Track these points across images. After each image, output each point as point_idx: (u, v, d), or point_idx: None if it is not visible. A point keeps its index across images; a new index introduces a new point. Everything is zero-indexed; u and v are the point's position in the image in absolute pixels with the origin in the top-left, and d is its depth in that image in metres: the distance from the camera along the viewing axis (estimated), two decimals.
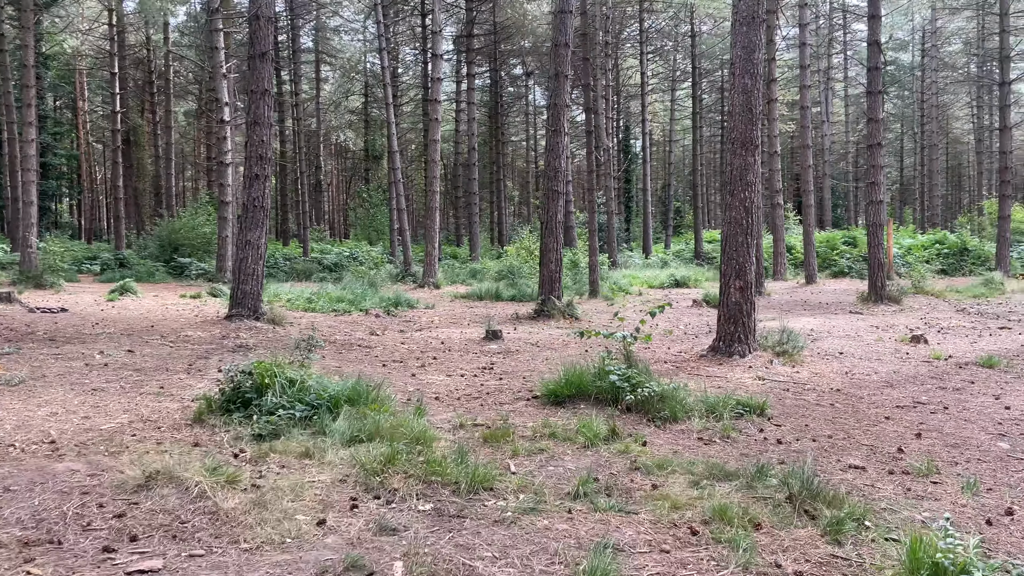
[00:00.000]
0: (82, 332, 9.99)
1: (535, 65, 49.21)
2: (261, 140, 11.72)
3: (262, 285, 11.78)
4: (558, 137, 14.65)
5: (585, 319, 14.50)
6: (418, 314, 15.05)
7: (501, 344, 10.68)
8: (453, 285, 25.24)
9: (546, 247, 14.83)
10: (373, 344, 10.30)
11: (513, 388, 7.23)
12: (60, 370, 7.30)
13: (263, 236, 11.75)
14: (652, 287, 24.40)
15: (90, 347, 8.70)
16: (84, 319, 11.36)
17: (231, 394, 5.58)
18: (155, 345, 9.17)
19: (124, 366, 7.71)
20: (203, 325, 11.10)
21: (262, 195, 11.73)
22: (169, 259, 27.50)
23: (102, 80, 48.70)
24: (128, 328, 10.52)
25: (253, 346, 9.48)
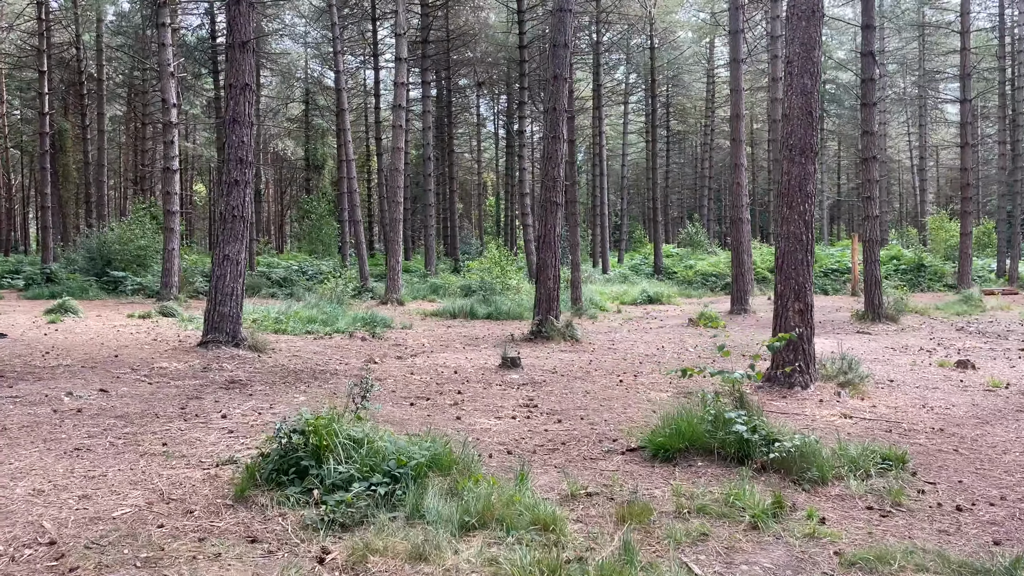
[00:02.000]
0: (33, 365, 8.39)
1: (485, 75, 48.32)
2: (241, 141, 10.30)
3: (242, 307, 10.32)
4: (557, 144, 13.63)
5: (585, 340, 13.48)
6: (400, 335, 13.76)
7: (522, 373, 9.54)
8: (416, 301, 23.94)
9: (543, 263, 13.75)
10: (379, 375, 9.01)
11: (583, 434, 6.11)
12: (24, 420, 5.81)
13: (243, 250, 10.32)
14: (625, 303, 23.60)
15: (51, 386, 7.17)
16: (30, 347, 9.69)
17: (280, 460, 4.29)
18: (129, 382, 7.68)
19: (103, 411, 6.25)
20: (175, 354, 9.58)
21: (242, 203, 10.30)
22: (101, 273, 25.28)
23: (21, 81, 45.42)
24: (87, 358, 8.94)
25: (246, 380, 8.08)
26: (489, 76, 49.07)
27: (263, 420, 6.17)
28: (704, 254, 37.33)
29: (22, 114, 50.24)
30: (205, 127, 52.41)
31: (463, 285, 26.35)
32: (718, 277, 31.05)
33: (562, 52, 13.69)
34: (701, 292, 28.98)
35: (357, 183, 28.53)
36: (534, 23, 35.02)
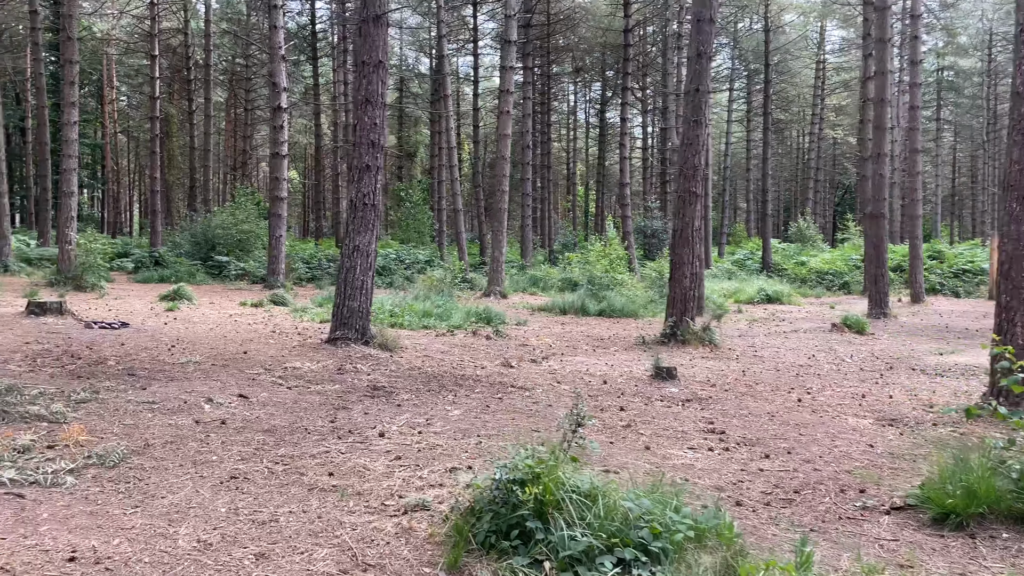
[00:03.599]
0: (162, 360, 7.83)
1: (580, 62, 47.06)
2: (374, 123, 9.55)
3: (371, 301, 9.60)
4: (699, 129, 12.43)
5: (724, 346, 12.29)
6: (520, 333, 12.87)
7: (680, 386, 8.48)
8: (518, 294, 23.11)
9: (679, 260, 12.60)
10: (521, 383, 8.10)
11: (812, 479, 5.02)
12: (167, 434, 5.12)
13: (373, 241, 9.58)
14: (741, 302, 22.14)
15: (187, 389, 6.53)
16: (154, 338, 9.20)
17: (496, 519, 3.38)
18: (266, 385, 6.99)
19: (248, 424, 5.53)
20: (304, 351, 8.92)
21: (373, 190, 9.56)
22: (206, 257, 25.41)
23: (129, 68, 46.78)
24: (215, 354, 8.35)
25: (388, 386, 7.29)
26: (583, 63, 47.81)
27: (427, 441, 5.33)
28: (814, 250, 35.23)
29: (128, 100, 51.89)
30: (302, 114, 52.96)
31: (564, 278, 25.38)
32: (835, 275, 29.08)
33: (707, 27, 12.45)
34: (818, 291, 27.12)
35: (458, 171, 27.87)
36: (639, 5, 33.58)
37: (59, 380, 6.54)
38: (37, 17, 24.89)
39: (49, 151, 25.49)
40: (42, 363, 7.23)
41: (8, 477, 3.94)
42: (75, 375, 6.80)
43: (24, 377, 6.54)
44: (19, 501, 3.71)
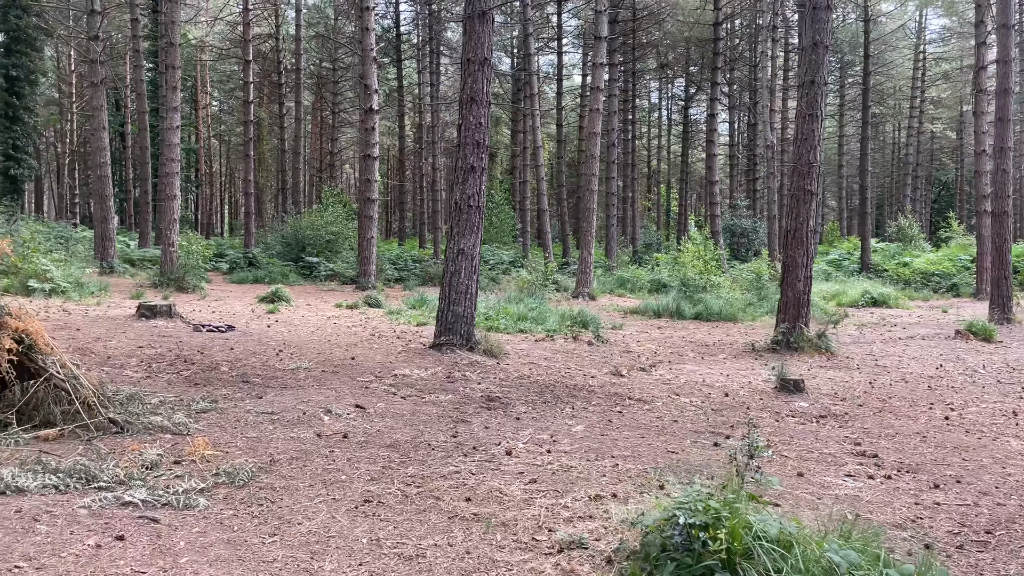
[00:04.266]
0: (272, 367, 7.72)
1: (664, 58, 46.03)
2: (479, 122, 9.26)
3: (475, 306, 9.32)
4: (814, 123, 11.69)
5: (841, 354, 11.53)
6: (619, 338, 12.40)
7: (809, 400, 7.88)
8: (606, 296, 22.59)
9: (792, 261, 11.89)
10: (637, 394, 7.66)
11: (1001, 516, 4.41)
12: (291, 449, 4.91)
13: (478, 244, 9.30)
14: (843, 304, 21.01)
15: (303, 398, 6.35)
16: (261, 342, 9.15)
17: (677, 570, 2.97)
18: (379, 394, 6.77)
19: (370, 438, 5.28)
20: (409, 357, 8.70)
21: (478, 192, 9.27)
22: (297, 258, 25.84)
23: (221, 74, 48.31)
24: (323, 360, 8.21)
25: (502, 397, 6.97)
26: (667, 59, 46.77)
27: (559, 462, 4.96)
28: (916, 250, 33.38)
29: (220, 105, 53.66)
30: (384, 116, 53.62)
31: (653, 280, 24.74)
32: (942, 277, 27.39)
33: (824, 15, 11.70)
34: (924, 294, 25.59)
35: (544, 170, 27.51)
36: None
37: (177, 387, 6.47)
38: (138, 25, 25.79)
39: (149, 155, 26.37)
40: (157, 368, 7.20)
41: (140, 498, 3.76)
42: (191, 382, 6.72)
43: (143, 384, 6.49)
44: (154, 527, 3.51)
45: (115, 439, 4.83)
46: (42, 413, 4.82)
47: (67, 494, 3.80)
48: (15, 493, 3.72)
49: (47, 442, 4.62)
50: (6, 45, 26.09)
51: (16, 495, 3.71)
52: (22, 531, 3.32)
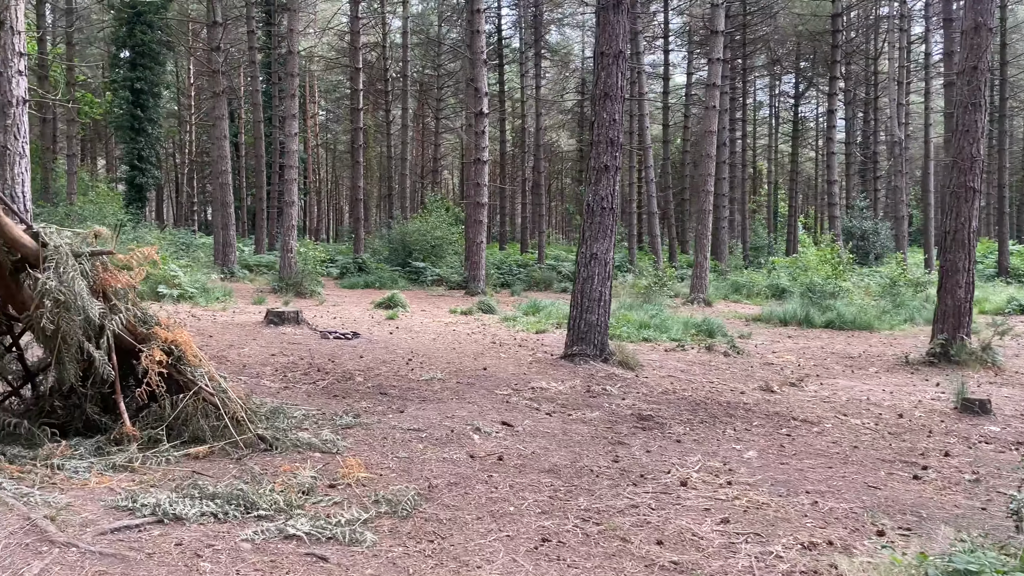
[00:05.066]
0: (404, 376, 7.41)
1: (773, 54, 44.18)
2: (613, 119, 8.72)
3: (609, 314, 8.78)
4: (976, 114, 10.57)
5: (1009, 369, 10.37)
6: (752, 348, 11.56)
7: (999, 424, 6.94)
8: (722, 301, 21.58)
9: (952, 266, 10.78)
10: (799, 414, 6.92)
11: None
12: (445, 471, 4.51)
13: (611, 248, 8.76)
14: (987, 312, 19.28)
15: (445, 412, 5.98)
16: (388, 351, 8.90)
17: None
18: (521, 408, 6.33)
19: (525, 461, 4.83)
20: (542, 368, 8.25)
21: (611, 192, 8.73)
22: (403, 263, 25.96)
23: (329, 83, 49.61)
24: (455, 370, 7.86)
25: (653, 415, 6.40)
26: (777, 54, 44.89)
27: (746, 496, 4.35)
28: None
29: (326, 114, 55.12)
30: None
31: (771, 284, 23.54)
32: None
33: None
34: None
35: (653, 172, 26.70)
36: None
37: (316, 399, 6.22)
38: (253, 37, 26.56)
39: (264, 163, 27.09)
40: (293, 378, 7.01)
41: (303, 531, 3.41)
42: (330, 393, 6.46)
43: (282, 395, 6.27)
44: (323, 566, 3.14)
45: (265, 457, 4.55)
46: (191, 428, 4.59)
47: (226, 523, 3.49)
48: (173, 521, 3.43)
49: (197, 460, 4.38)
50: (132, 60, 27.37)
51: (174, 524, 3.43)
52: (185, 569, 3.01)
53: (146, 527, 3.36)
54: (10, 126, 7.80)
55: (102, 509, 3.53)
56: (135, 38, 26.81)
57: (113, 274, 4.38)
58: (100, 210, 19.34)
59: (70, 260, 4.09)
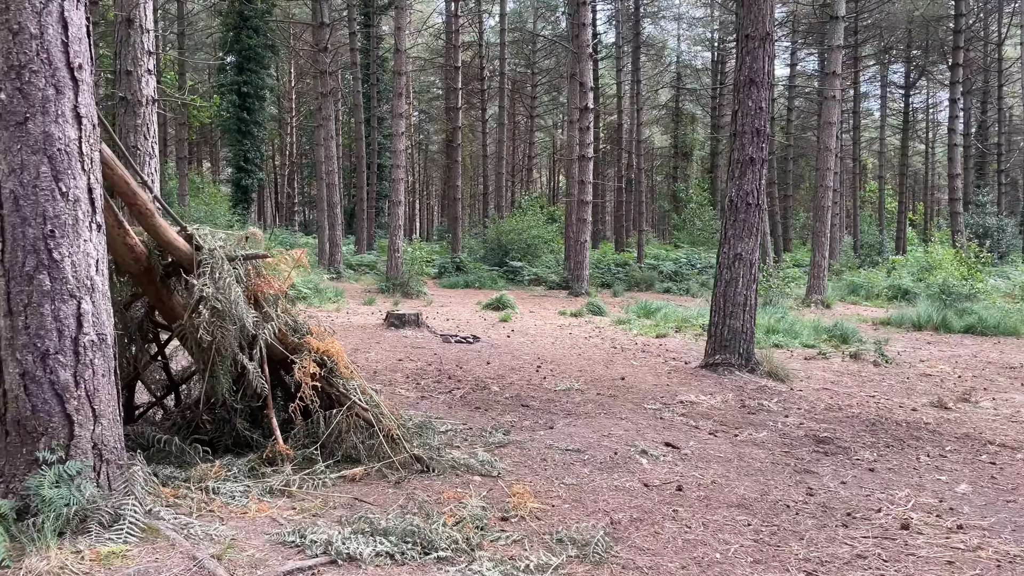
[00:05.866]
0: (538, 385, 6.94)
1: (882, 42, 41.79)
2: (759, 107, 8.01)
3: (755, 320, 8.07)
4: None
5: None
6: (896, 355, 10.55)
7: None
8: (840, 303, 20.32)
9: None
10: (994, 438, 6.06)
11: None
12: (622, 503, 3.98)
13: (756, 248, 8.04)
14: None
15: (596, 429, 5.45)
16: (514, 356, 8.46)
17: None
18: (678, 425, 5.74)
19: (709, 493, 4.24)
20: (683, 378, 7.63)
21: (757, 188, 8.02)
22: (500, 262, 25.64)
23: (422, 84, 49.97)
24: (586, 378, 7.33)
25: (833, 438, 5.68)
26: (887, 42, 42.46)
27: (989, 546, 3.64)
28: None
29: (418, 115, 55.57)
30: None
31: (891, 285, 22.05)
32: None
33: None
34: None
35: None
36: None
37: (457, 411, 5.80)
38: (355, 38, 26.77)
39: (365, 164, 27.27)
40: (427, 387, 6.63)
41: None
42: (469, 404, 6.04)
43: (421, 406, 5.89)
44: None
45: (423, 480, 4.13)
46: (344, 447, 4.22)
47: (405, 565, 3.06)
48: (347, 562, 3.03)
49: (354, 483, 4.00)
50: (239, 64, 28.05)
51: (349, 565, 3.02)
52: None
53: (320, 569, 2.96)
54: (140, 126, 7.72)
55: (268, 545, 3.16)
56: (241, 43, 27.45)
57: (266, 279, 4.05)
58: (211, 211, 19.75)
59: (225, 265, 3.77)
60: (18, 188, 2.95)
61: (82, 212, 3.07)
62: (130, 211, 3.59)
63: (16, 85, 2.93)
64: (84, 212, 3.08)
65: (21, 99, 2.94)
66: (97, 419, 3.11)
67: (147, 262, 3.79)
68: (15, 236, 2.96)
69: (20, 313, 2.97)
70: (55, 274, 3.00)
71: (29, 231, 2.97)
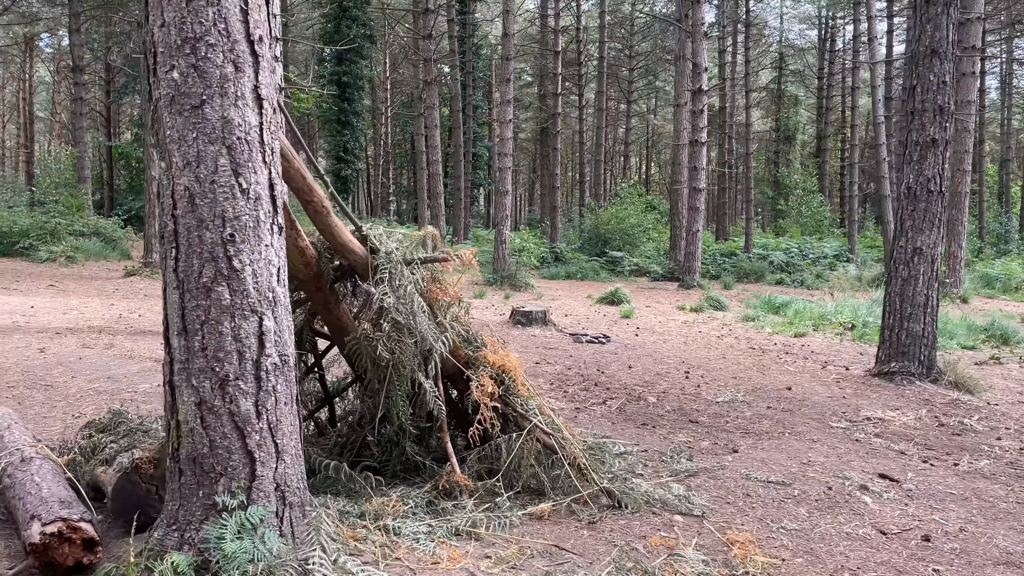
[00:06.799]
0: (695, 395, 6.27)
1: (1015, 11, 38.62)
2: (942, 82, 7.05)
3: (936, 323, 7.15)
4: None
5: None
6: None
7: None
8: (978, 298, 18.71)
9: None
10: None
11: None
12: (868, 561, 3.29)
13: (939, 241, 7.11)
14: None
15: (787, 452, 4.76)
16: (655, 359, 7.80)
17: None
18: (880, 450, 4.97)
19: (963, 546, 3.51)
20: (857, 388, 6.80)
21: (939, 173, 7.07)
22: (600, 252, 24.86)
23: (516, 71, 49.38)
24: (745, 387, 6.61)
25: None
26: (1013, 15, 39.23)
27: None
28: None
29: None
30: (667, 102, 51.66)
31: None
32: None
33: None
34: None
35: (885, 151, 23.78)
36: None
37: (622, 427, 5.21)
38: (453, 26, 26.40)
39: (462, 153, 26.97)
40: (576, 395, 6.06)
41: None
42: (630, 419, 5.44)
43: (579, 420, 5.32)
44: None
45: (617, 520, 3.55)
46: (523, 476, 3.69)
47: None
48: None
49: (542, 522, 3.46)
50: (339, 54, 28.15)
51: None
52: None
53: None
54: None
55: None
56: (341, 33, 27.52)
57: (442, 286, 3.54)
58: None
59: (405, 271, 3.28)
60: (194, 184, 2.51)
61: (263, 212, 2.61)
62: (304, 209, 3.14)
63: (191, 61, 2.48)
64: (265, 212, 2.62)
65: (197, 78, 2.49)
66: (280, 455, 2.65)
67: (316, 267, 3.34)
68: (190, 241, 2.53)
69: (196, 332, 2.53)
70: (235, 286, 2.54)
71: (207, 235, 2.52)
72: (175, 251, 2.54)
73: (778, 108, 46.79)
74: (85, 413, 4.84)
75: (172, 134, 2.51)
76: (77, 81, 23.36)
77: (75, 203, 18.26)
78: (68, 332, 7.84)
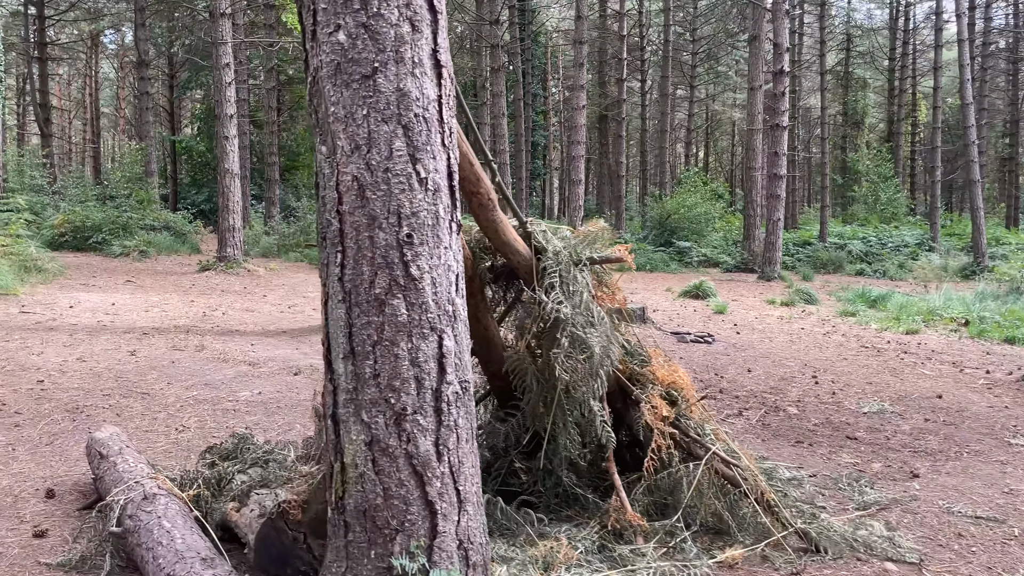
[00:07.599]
0: (837, 405, 5.64)
1: None
2: None
3: None
4: None
5: None
6: None
7: None
8: None
9: None
10: None
11: None
12: None
13: None
14: None
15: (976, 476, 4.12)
16: (773, 361, 7.17)
17: None
18: None
19: None
20: (1016, 397, 6.09)
21: None
22: (666, 243, 24.07)
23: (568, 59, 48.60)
24: (885, 394, 5.95)
25: None
26: None
27: None
28: None
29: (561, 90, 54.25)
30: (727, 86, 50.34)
31: None
32: None
33: None
34: None
35: (975, 132, 22.36)
36: None
37: (773, 445, 4.63)
38: (515, 13, 25.84)
39: (524, 142, 26.43)
40: (717, 406, 5.48)
41: None
42: (777, 433, 4.85)
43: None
44: None
45: (821, 570, 2.99)
46: (702, 511, 3.15)
47: None
48: None
49: (732, 570, 2.92)
50: None
51: None
52: None
53: None
54: None
55: None
56: None
57: (609, 292, 3.03)
58: None
59: (577, 275, 2.77)
60: (363, 173, 2.03)
61: (443, 207, 2.12)
62: (468, 202, 2.65)
63: (360, 19, 2.00)
64: (444, 207, 2.12)
65: (368, 41, 2.00)
66: (462, 505, 2.16)
67: (471, 269, 2.86)
68: (359, 243, 2.05)
69: (367, 355, 2.06)
70: (412, 297, 2.06)
71: (379, 236, 2.04)
72: (341, 256, 2.06)
73: (845, 91, 45.02)
74: (189, 426, 4.46)
75: (337, 111, 2.03)
76: (142, 76, 23.51)
77: (145, 197, 18.29)
78: (155, 332, 7.57)
